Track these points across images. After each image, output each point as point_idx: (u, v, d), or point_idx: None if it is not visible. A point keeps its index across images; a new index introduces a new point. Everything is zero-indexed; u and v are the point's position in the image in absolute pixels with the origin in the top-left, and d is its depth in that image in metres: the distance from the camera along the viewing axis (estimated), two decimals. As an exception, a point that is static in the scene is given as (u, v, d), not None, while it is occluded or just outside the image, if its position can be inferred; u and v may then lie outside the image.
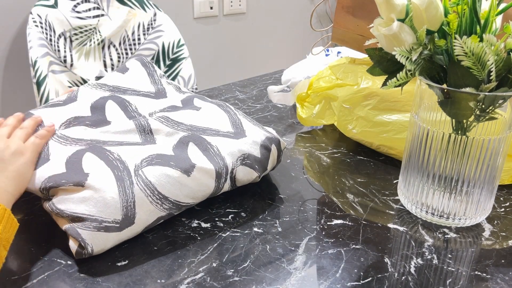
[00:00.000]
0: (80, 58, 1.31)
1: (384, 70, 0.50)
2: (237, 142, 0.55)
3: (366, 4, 0.72)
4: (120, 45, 1.36)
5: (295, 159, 0.67)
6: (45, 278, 0.43)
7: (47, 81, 1.15)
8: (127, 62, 0.68)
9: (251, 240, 0.49)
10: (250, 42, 2.09)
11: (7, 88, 1.44)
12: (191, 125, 0.56)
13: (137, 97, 0.60)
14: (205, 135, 0.54)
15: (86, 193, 0.45)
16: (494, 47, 0.41)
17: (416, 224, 0.52)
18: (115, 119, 0.56)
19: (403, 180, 0.54)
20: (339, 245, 0.48)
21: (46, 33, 1.22)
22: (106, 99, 0.58)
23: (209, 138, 0.54)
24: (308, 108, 0.76)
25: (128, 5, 1.35)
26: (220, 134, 0.55)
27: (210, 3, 1.84)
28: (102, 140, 0.52)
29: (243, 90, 0.99)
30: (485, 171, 0.48)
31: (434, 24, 0.44)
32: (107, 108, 0.57)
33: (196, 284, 0.42)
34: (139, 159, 0.49)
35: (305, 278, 0.43)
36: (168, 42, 1.38)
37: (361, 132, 0.67)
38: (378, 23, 0.47)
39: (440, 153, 0.48)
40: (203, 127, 0.56)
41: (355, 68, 0.71)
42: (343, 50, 1.00)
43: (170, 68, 1.39)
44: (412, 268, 0.45)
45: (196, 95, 0.64)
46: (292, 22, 2.24)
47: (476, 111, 0.45)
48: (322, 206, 0.55)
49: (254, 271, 0.44)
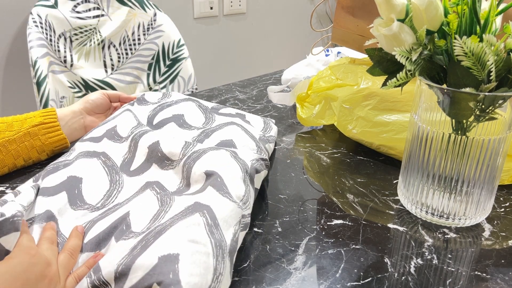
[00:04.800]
0: (80, 58, 1.31)
1: (384, 70, 0.50)
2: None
3: (366, 4, 0.72)
4: (120, 45, 1.36)
5: (295, 159, 0.67)
6: (45, 278, 0.43)
7: (47, 81, 1.15)
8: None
9: (251, 240, 0.49)
10: (250, 42, 2.09)
11: (7, 88, 1.44)
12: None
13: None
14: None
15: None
16: (494, 47, 0.41)
17: (416, 224, 0.52)
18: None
19: (403, 180, 0.54)
20: (339, 245, 0.48)
21: (46, 33, 1.22)
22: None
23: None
24: (308, 108, 0.76)
25: (128, 5, 1.35)
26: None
27: (210, 3, 1.84)
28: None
29: (243, 90, 0.99)
30: (485, 171, 0.48)
31: (434, 24, 0.44)
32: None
33: (196, 284, 0.42)
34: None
35: (305, 278, 0.43)
36: (168, 42, 1.38)
37: (361, 132, 0.67)
38: (378, 23, 0.47)
39: (440, 153, 0.48)
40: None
41: (355, 68, 0.71)
42: (343, 50, 1.00)
43: (170, 68, 1.39)
44: (412, 268, 0.45)
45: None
46: (292, 22, 2.24)
47: (476, 111, 0.45)
48: (322, 206, 0.55)
49: (254, 271, 0.44)
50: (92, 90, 1.33)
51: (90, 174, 0.54)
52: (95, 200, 0.51)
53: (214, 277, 0.37)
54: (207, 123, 0.64)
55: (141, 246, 0.39)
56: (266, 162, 0.56)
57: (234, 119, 0.66)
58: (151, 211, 0.46)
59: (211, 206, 0.43)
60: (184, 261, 0.36)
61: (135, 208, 0.47)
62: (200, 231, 0.39)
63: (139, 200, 0.49)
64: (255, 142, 0.59)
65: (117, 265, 0.38)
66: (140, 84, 1.39)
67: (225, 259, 0.39)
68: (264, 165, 0.55)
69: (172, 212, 0.43)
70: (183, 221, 0.40)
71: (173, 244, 0.38)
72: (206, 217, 0.41)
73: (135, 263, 0.37)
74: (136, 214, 0.46)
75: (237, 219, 0.44)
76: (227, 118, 0.66)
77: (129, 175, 0.55)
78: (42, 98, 1.13)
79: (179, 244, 0.38)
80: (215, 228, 0.41)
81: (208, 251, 0.38)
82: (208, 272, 0.37)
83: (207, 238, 0.39)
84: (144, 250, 0.38)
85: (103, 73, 1.36)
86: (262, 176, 0.55)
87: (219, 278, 0.37)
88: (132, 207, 0.47)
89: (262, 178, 0.55)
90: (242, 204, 0.46)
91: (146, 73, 1.39)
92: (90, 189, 0.52)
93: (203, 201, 0.43)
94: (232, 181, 0.47)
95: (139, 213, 0.46)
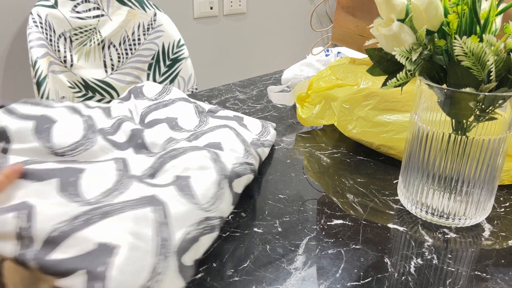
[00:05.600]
0: (80, 58, 1.31)
1: (384, 70, 0.50)
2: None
3: (366, 4, 0.72)
4: (120, 45, 1.37)
5: (295, 159, 0.67)
6: (45, 278, 0.43)
7: (47, 81, 1.15)
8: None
9: (251, 240, 0.49)
10: (250, 42, 2.09)
11: (7, 88, 1.44)
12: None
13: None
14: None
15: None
16: (494, 47, 0.41)
17: (416, 224, 0.52)
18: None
19: (403, 180, 0.54)
20: (339, 245, 0.48)
21: (46, 33, 1.22)
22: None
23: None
24: (308, 108, 0.76)
25: (128, 5, 1.35)
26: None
27: (210, 3, 1.85)
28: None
29: (243, 90, 0.99)
30: (485, 171, 0.48)
31: (434, 24, 0.44)
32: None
33: (196, 284, 0.42)
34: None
35: (305, 278, 0.43)
36: (168, 42, 1.38)
37: (361, 132, 0.67)
38: (378, 23, 0.47)
39: (440, 153, 0.48)
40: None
41: (355, 68, 0.71)
42: (343, 50, 1.00)
43: (170, 68, 1.39)
44: (412, 268, 0.45)
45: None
46: (292, 22, 2.24)
47: (476, 111, 0.45)
48: (322, 206, 0.55)
49: (254, 271, 0.44)
50: (92, 90, 1.33)
51: (66, 120, 0.51)
52: (61, 145, 0.48)
53: (150, 276, 0.36)
54: (200, 126, 0.63)
55: (84, 220, 0.38)
56: (252, 167, 0.55)
57: (230, 122, 0.65)
58: (105, 184, 0.44)
59: (167, 204, 0.42)
60: (120, 255, 0.36)
61: (91, 172, 0.45)
62: (147, 227, 0.39)
63: (99, 167, 0.47)
64: (244, 146, 0.58)
65: (53, 228, 0.37)
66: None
67: (169, 258, 0.38)
68: (250, 169, 0.55)
69: (126, 196, 0.42)
70: (134, 212, 0.40)
71: (116, 233, 0.37)
72: (159, 213, 0.41)
73: (72, 236, 0.36)
74: (89, 178, 0.44)
75: (195, 220, 0.42)
76: (222, 121, 0.65)
77: (103, 138, 0.53)
78: (42, 98, 1.13)
79: (121, 236, 0.37)
80: (165, 227, 0.40)
81: (148, 249, 0.37)
82: (142, 271, 0.36)
83: (152, 235, 0.38)
84: (86, 227, 0.37)
85: (103, 73, 1.36)
86: (245, 181, 0.54)
87: (158, 277, 0.37)
88: (89, 169, 0.46)
89: (244, 182, 0.54)
90: (207, 206, 0.45)
91: (146, 73, 1.39)
92: (61, 133, 0.49)
93: (161, 197, 0.42)
94: (202, 183, 0.46)
95: (93, 179, 0.44)
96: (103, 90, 1.35)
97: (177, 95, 0.70)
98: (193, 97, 0.94)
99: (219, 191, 0.47)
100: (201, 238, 0.43)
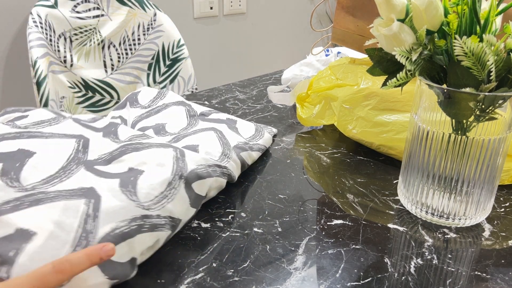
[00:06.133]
0: (80, 58, 1.31)
1: (384, 70, 0.50)
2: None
3: (366, 4, 0.72)
4: (120, 45, 1.37)
5: (295, 159, 0.67)
6: (45, 278, 0.43)
7: (47, 81, 1.15)
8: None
9: (251, 240, 0.49)
10: (250, 42, 2.09)
11: (7, 88, 1.44)
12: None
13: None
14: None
15: None
16: (494, 47, 0.41)
17: (416, 224, 0.52)
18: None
19: (403, 180, 0.54)
20: (339, 245, 0.48)
21: (46, 33, 1.22)
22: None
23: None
24: (308, 108, 0.76)
25: (128, 5, 1.35)
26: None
27: (210, 3, 1.85)
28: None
29: (243, 90, 0.99)
30: (485, 171, 0.48)
31: (434, 24, 0.44)
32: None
33: (196, 284, 0.42)
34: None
35: (305, 278, 0.43)
36: (168, 42, 1.38)
37: (361, 132, 0.67)
38: (378, 23, 0.47)
39: (440, 153, 0.48)
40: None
41: (355, 68, 0.71)
42: (343, 50, 1.00)
43: (170, 68, 1.39)
44: (412, 268, 0.45)
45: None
46: (292, 22, 2.24)
47: (476, 111, 0.45)
48: (322, 206, 0.55)
49: (254, 271, 0.44)
50: (92, 90, 1.33)
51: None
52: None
53: None
54: (186, 128, 0.63)
55: (13, 206, 0.38)
56: (224, 170, 0.54)
57: (219, 125, 0.65)
58: (49, 170, 0.44)
59: (102, 198, 0.42)
60: (35, 242, 0.36)
61: (41, 155, 0.45)
62: (73, 218, 0.39)
63: (54, 149, 0.46)
64: (223, 149, 0.57)
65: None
66: (140, 84, 1.39)
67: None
68: (220, 172, 0.53)
69: (65, 185, 0.42)
70: (64, 202, 0.40)
71: (38, 221, 0.38)
72: (91, 206, 0.40)
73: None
74: (35, 163, 0.44)
75: (128, 217, 0.42)
76: (210, 124, 0.64)
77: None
78: (42, 98, 1.13)
79: (43, 224, 0.37)
80: (92, 219, 0.40)
81: (68, 239, 0.37)
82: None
83: (76, 227, 0.38)
84: (12, 212, 0.38)
85: (103, 73, 1.36)
86: (208, 183, 0.52)
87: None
88: (41, 152, 0.45)
89: (208, 185, 0.52)
90: (149, 204, 0.44)
91: (146, 73, 1.39)
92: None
93: (99, 190, 0.42)
94: (149, 180, 0.46)
95: (38, 164, 0.44)
96: (103, 90, 1.35)
97: (172, 99, 0.70)
98: (193, 97, 0.94)
99: (168, 190, 0.46)
100: (138, 236, 0.42)
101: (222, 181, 0.54)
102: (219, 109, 0.86)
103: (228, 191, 0.58)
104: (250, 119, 0.82)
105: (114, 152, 0.50)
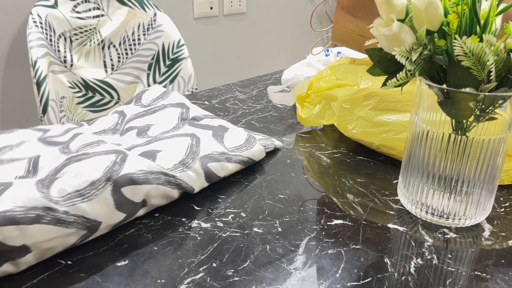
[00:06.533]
0: (80, 58, 1.31)
1: (384, 70, 0.50)
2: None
3: (366, 4, 0.72)
4: (120, 45, 1.37)
5: (295, 159, 0.67)
6: (45, 278, 0.43)
7: (47, 81, 1.15)
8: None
9: (251, 240, 0.49)
10: (250, 42, 2.09)
11: (7, 88, 1.44)
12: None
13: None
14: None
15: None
16: (494, 47, 0.41)
17: (416, 224, 0.52)
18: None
19: (403, 180, 0.54)
20: (339, 245, 0.48)
21: (46, 33, 1.22)
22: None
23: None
24: (308, 108, 0.76)
25: (128, 5, 1.35)
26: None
27: (210, 3, 1.85)
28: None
29: (243, 90, 0.99)
30: (485, 171, 0.48)
31: (434, 24, 0.44)
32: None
33: (196, 284, 0.42)
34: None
35: (305, 278, 0.43)
36: (168, 42, 1.38)
37: (361, 132, 0.67)
38: (378, 23, 0.47)
39: (440, 153, 0.48)
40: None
41: (355, 68, 0.71)
42: (343, 50, 1.00)
43: (170, 68, 1.39)
44: (412, 268, 0.45)
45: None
46: (292, 22, 2.24)
47: (476, 111, 0.45)
48: (322, 206, 0.55)
49: (254, 271, 0.44)
50: (92, 90, 1.33)
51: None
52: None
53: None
54: (167, 132, 0.62)
55: None
56: (169, 178, 0.52)
57: (204, 131, 0.63)
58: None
59: (13, 185, 0.44)
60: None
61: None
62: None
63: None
64: (183, 158, 0.55)
65: None
66: (140, 84, 1.39)
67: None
68: (165, 181, 0.52)
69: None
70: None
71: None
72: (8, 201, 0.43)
73: None
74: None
75: (27, 204, 0.43)
76: (194, 129, 0.63)
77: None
78: (42, 98, 1.13)
79: None
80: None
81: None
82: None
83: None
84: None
85: (103, 73, 1.36)
86: (145, 190, 0.50)
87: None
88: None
89: (145, 192, 0.50)
90: (58, 199, 0.44)
91: (146, 73, 1.39)
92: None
93: (15, 184, 0.45)
94: (70, 179, 0.46)
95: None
96: (103, 90, 1.35)
97: (173, 100, 0.70)
98: (193, 97, 0.94)
99: (88, 190, 0.46)
100: (31, 226, 0.42)
101: (167, 190, 0.52)
102: (219, 109, 0.86)
103: (228, 191, 0.58)
104: (250, 119, 0.82)
105: (58, 167, 0.51)
